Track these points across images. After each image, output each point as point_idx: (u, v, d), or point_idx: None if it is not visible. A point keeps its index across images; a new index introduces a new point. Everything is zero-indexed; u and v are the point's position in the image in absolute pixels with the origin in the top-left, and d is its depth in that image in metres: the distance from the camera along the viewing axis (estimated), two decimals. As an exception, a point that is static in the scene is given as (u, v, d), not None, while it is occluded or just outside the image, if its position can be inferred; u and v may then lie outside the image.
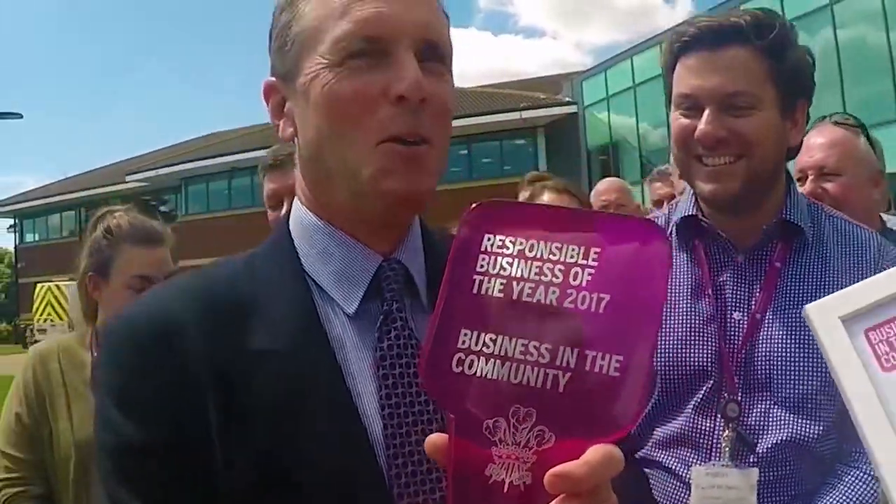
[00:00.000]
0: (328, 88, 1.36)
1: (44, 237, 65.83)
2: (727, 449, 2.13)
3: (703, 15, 2.26)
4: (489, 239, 1.09)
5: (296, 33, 1.42)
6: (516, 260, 1.07)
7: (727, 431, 2.13)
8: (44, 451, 3.14)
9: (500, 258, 1.08)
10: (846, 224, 2.29)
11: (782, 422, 2.10)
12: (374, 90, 1.35)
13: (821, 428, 2.07)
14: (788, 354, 2.08)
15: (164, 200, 57.97)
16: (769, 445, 2.12)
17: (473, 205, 1.12)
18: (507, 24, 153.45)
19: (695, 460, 2.18)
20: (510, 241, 1.08)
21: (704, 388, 2.18)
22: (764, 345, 2.13)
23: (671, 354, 2.20)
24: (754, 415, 2.13)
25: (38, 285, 44.42)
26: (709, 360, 2.16)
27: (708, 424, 2.17)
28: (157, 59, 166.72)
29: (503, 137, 43.35)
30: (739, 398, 2.14)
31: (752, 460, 2.12)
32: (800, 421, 2.07)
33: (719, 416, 2.15)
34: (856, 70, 26.98)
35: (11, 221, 68.31)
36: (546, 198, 3.91)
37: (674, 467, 2.22)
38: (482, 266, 1.08)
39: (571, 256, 1.06)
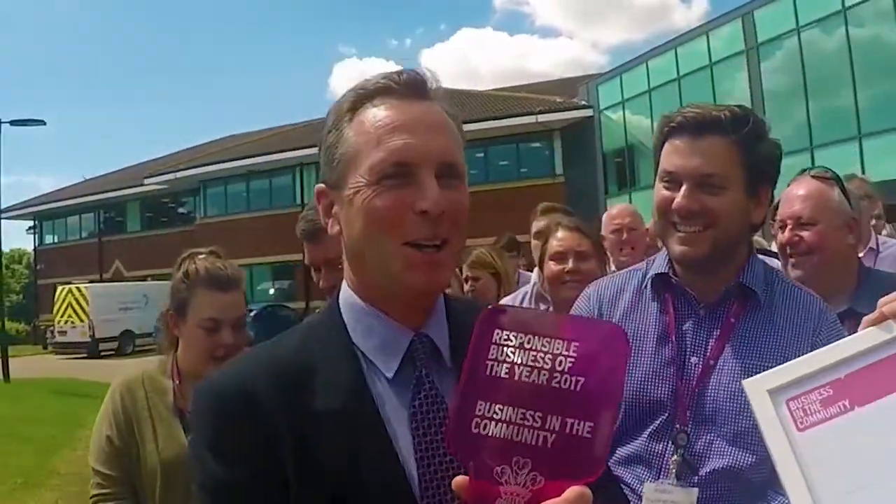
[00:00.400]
0: (367, 202, 1.72)
1: (63, 239, 66.27)
2: (674, 470, 2.54)
3: (691, 105, 2.66)
4: (498, 334, 1.54)
5: (341, 154, 1.78)
6: (518, 350, 1.53)
7: (675, 456, 2.53)
8: (132, 469, 3.48)
9: (506, 348, 1.53)
10: (796, 290, 2.66)
11: (722, 451, 2.49)
12: (403, 205, 1.70)
13: (755, 458, 2.44)
14: (733, 396, 2.45)
15: (182, 203, 58.42)
16: (709, 470, 2.52)
17: (489, 307, 1.58)
18: (522, 24, 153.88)
19: (647, 477, 2.59)
20: (514, 336, 1.53)
21: (660, 419, 2.58)
22: (713, 387, 2.52)
23: (636, 387, 2.60)
24: (700, 444, 2.53)
25: (59, 287, 44.56)
26: (666, 395, 2.57)
27: (660, 448, 2.57)
28: (174, 62, 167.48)
29: (519, 140, 43.58)
30: (689, 429, 2.53)
31: (694, 481, 2.52)
32: (737, 452, 2.46)
33: (670, 442, 2.55)
34: (867, 71, 27.14)
35: (30, 223, 68.73)
36: (559, 234, 4.22)
37: (630, 482, 2.62)
38: (493, 354, 1.53)
39: (557, 349, 1.52)
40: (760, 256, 2.84)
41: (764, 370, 2.03)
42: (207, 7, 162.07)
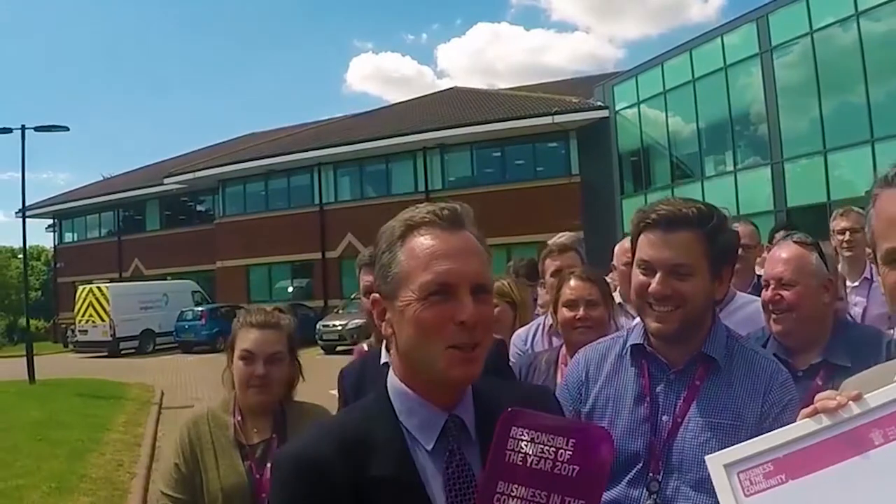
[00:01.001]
0: (417, 314, 2.12)
1: (82, 237, 66.77)
2: (647, 512, 3.03)
3: (663, 202, 3.07)
4: (515, 430, 2.03)
5: (395, 273, 2.18)
6: (530, 443, 2.02)
7: (649, 500, 2.95)
8: (196, 494, 3.93)
9: (520, 441, 2.02)
10: (752, 354, 3.05)
11: (687, 496, 2.90)
12: (446, 317, 2.11)
13: (713, 502, 2.80)
14: (697, 449, 2.86)
15: (201, 201, 58.77)
16: None
17: (509, 409, 2.06)
18: (539, 18, 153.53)
19: None
20: (527, 433, 2.03)
21: (636, 468, 2.99)
22: (680, 440, 2.93)
23: (616, 440, 2.89)
24: (669, 490, 2.93)
25: (80, 287, 44.94)
26: (642, 448, 2.98)
27: (635, 494, 2.98)
28: (188, 59, 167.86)
29: (536, 140, 43.76)
30: (660, 477, 2.94)
31: None
32: (700, 496, 2.84)
33: (644, 488, 2.96)
34: (881, 74, 27.31)
35: (49, 221, 69.13)
36: (572, 283, 4.63)
37: None
38: (510, 446, 2.02)
39: (559, 444, 2.01)
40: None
41: (722, 426, 2.82)
42: (222, 4, 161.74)
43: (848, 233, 6.77)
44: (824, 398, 1.93)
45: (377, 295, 2.26)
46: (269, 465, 3.77)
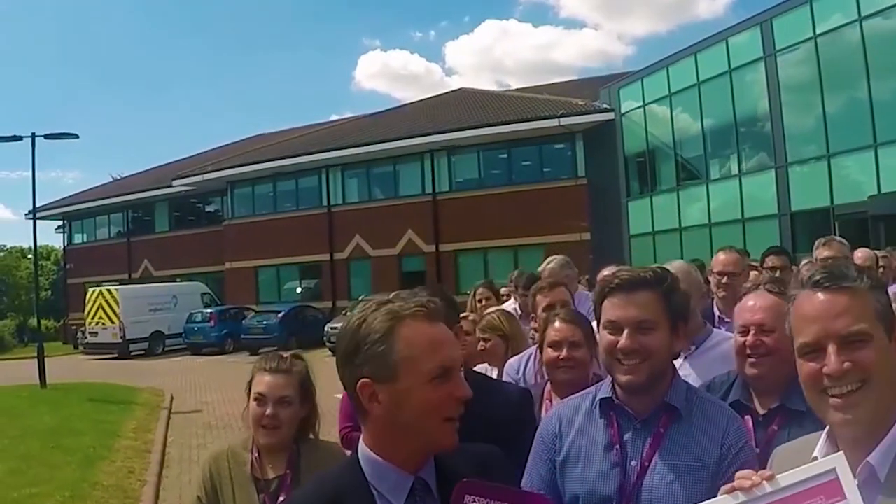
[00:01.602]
0: (424, 394, 2.44)
1: (92, 239, 67.17)
2: (620, 548, 3.38)
3: (621, 269, 3.53)
4: (468, 498, 2.41)
5: (395, 360, 2.45)
6: None
7: None
8: None
9: None
10: (709, 403, 3.41)
11: None
12: (446, 395, 2.46)
13: None
14: (663, 489, 3.17)
15: (210, 202, 59.04)
16: None
17: (463, 480, 2.44)
18: (547, 15, 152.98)
19: None
20: (479, 500, 2.41)
21: None
22: (649, 482, 3.21)
23: (590, 485, 3.33)
24: None
25: (90, 289, 45.25)
26: (613, 490, 3.27)
27: None
28: (194, 59, 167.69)
29: (542, 142, 43.95)
30: None
31: None
32: None
33: None
34: (884, 79, 27.48)
35: (59, 222, 69.38)
36: (556, 325, 4.87)
37: None
38: None
39: None
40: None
41: (685, 468, 3.10)
42: (230, 5, 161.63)
43: (831, 262, 6.97)
44: (742, 477, 2.25)
45: (367, 379, 2.50)
46: (281, 498, 4.19)
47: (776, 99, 31.95)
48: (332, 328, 37.42)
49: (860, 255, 8.42)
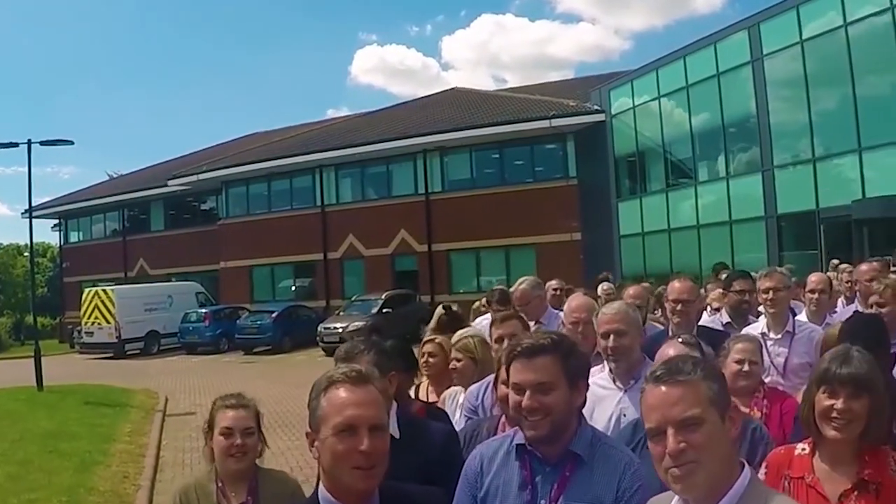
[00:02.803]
0: (332, 446, 2.97)
1: (88, 238, 67.40)
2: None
3: (527, 335, 4.13)
4: None
5: (319, 414, 3.04)
6: None
7: None
8: None
9: None
10: (609, 448, 3.80)
11: None
12: (351, 447, 2.93)
13: None
14: None
15: (205, 201, 59.31)
16: None
17: None
18: (543, 9, 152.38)
19: None
20: None
21: None
22: None
23: None
24: None
25: (86, 290, 45.61)
26: None
27: None
28: (191, 55, 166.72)
29: (534, 142, 44.29)
30: None
31: None
32: None
33: None
34: (870, 83, 27.99)
35: (55, 221, 69.56)
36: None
37: None
38: None
39: None
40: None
41: None
42: (228, 2, 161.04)
43: (771, 292, 7.37)
44: None
45: (308, 429, 3.09)
46: None
47: (763, 102, 32.36)
48: (325, 328, 37.97)
49: (814, 278, 8.73)
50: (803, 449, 3.95)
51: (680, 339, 4.73)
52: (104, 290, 44.19)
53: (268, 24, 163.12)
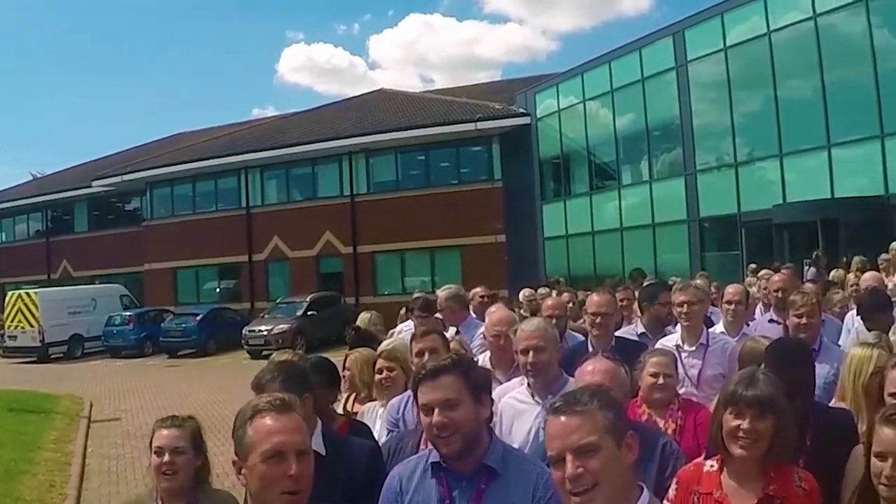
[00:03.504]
0: (260, 472, 3.06)
1: (10, 239, 66.21)
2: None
3: (430, 359, 4.43)
4: None
5: (246, 443, 3.11)
6: None
7: None
8: None
9: None
10: (523, 460, 4.03)
11: None
12: (280, 472, 3.03)
13: None
14: None
15: (130, 202, 58.72)
16: None
17: None
18: (471, 9, 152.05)
19: None
20: None
21: None
22: None
23: None
24: None
25: (10, 293, 44.71)
26: None
27: None
28: (112, 51, 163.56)
29: (460, 145, 44.44)
30: None
31: None
32: None
33: None
34: (791, 90, 28.55)
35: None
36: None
37: None
38: None
39: None
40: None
41: None
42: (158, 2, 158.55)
43: (686, 305, 7.64)
44: None
45: (235, 457, 3.20)
46: None
47: (687, 107, 33.01)
48: (250, 331, 37.89)
49: (731, 290, 9.06)
50: (712, 465, 4.09)
51: (604, 356, 4.97)
52: (27, 293, 43.34)
53: (195, 22, 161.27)
